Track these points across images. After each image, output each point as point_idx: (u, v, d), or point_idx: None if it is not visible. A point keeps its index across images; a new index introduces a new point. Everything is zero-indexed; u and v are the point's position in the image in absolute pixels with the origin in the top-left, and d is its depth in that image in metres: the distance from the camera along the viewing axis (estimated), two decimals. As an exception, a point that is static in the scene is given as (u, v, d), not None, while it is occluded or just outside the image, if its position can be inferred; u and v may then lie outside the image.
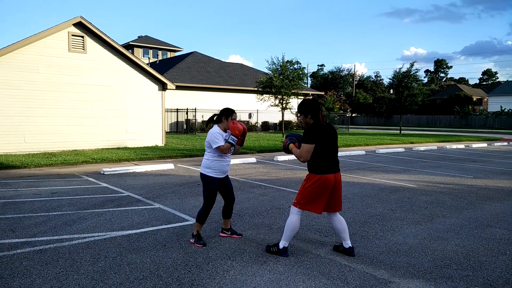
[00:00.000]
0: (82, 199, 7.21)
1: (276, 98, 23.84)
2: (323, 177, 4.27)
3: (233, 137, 4.66)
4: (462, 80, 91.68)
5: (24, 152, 13.78)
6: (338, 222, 4.53)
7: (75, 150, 14.82)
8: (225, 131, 4.83)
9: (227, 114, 4.81)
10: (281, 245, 4.48)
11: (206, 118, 29.36)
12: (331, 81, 74.92)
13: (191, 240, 4.90)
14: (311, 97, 37.77)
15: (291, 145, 4.47)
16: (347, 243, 4.54)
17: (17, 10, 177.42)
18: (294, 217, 4.43)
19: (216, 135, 4.72)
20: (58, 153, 13.85)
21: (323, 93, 40.52)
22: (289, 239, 4.47)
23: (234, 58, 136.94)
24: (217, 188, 4.86)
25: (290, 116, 33.25)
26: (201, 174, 4.91)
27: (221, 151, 4.73)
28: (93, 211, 6.35)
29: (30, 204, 6.81)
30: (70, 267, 4.09)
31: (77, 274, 3.93)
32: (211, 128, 4.93)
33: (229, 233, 5.18)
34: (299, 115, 4.55)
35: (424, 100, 34.31)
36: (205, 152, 4.91)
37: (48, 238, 5.02)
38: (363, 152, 16.30)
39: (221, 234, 5.22)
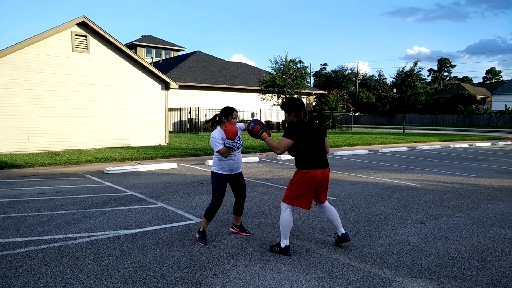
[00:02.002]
0: (85, 198, 7.23)
1: (279, 97, 23.88)
2: (309, 172, 4.38)
3: (228, 140, 4.57)
4: (466, 79, 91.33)
5: (28, 152, 13.84)
6: (328, 212, 4.70)
7: (78, 149, 14.87)
8: None
9: (226, 114, 4.77)
10: (282, 244, 4.49)
11: (209, 118, 29.39)
12: (334, 80, 74.73)
13: (197, 235, 4.94)
14: (313, 96, 37.74)
15: (265, 134, 4.49)
16: (340, 230, 4.69)
17: (19, 9, 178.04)
18: (284, 213, 4.49)
19: (217, 140, 4.68)
20: (61, 152, 13.90)
21: (326, 92, 40.43)
22: (287, 236, 4.49)
23: (237, 58, 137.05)
24: (224, 185, 4.86)
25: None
26: (212, 172, 4.93)
27: (221, 155, 4.69)
28: (97, 210, 6.37)
29: (34, 203, 6.84)
30: (74, 266, 4.10)
31: (81, 272, 3.95)
32: (214, 128, 4.91)
33: (239, 229, 5.22)
34: (284, 113, 4.61)
35: (428, 99, 34.18)
36: (214, 152, 4.90)
37: (52, 237, 5.04)
38: (366, 151, 16.27)
39: (231, 229, 5.30)
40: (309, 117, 33.93)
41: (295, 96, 26.80)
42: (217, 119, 4.91)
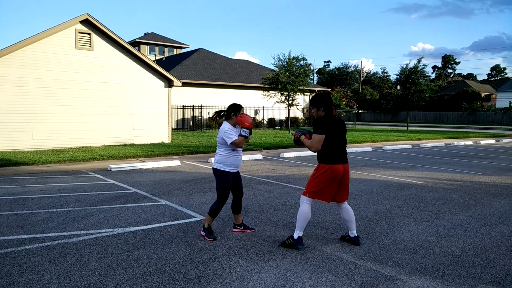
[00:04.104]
0: (89, 196, 7.25)
1: (282, 94, 23.79)
2: (332, 167, 4.46)
3: (244, 129, 4.73)
4: (470, 76, 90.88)
5: (32, 149, 13.90)
6: (345, 212, 4.74)
7: (82, 146, 14.92)
8: (234, 126, 4.88)
9: (235, 110, 4.87)
10: (295, 235, 4.56)
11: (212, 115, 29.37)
12: (338, 78, 74.56)
13: (202, 233, 4.97)
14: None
15: (303, 137, 4.66)
16: (353, 233, 4.75)
17: (21, 7, 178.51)
18: (304, 206, 4.56)
19: (229, 131, 4.79)
20: (65, 149, 13.95)
21: (329, 89, 40.38)
22: (302, 228, 4.56)
23: (240, 55, 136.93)
24: (231, 182, 4.91)
25: (297, 112, 33.18)
26: (215, 169, 4.94)
27: (236, 145, 4.79)
28: (100, 208, 6.39)
29: (38, 200, 6.87)
30: (77, 263, 4.12)
31: (84, 270, 3.96)
32: (220, 123, 4.99)
33: (242, 228, 5.23)
34: (311, 108, 4.71)
35: (432, 96, 34.05)
36: (218, 148, 4.95)
37: (56, 234, 5.06)
38: (370, 149, 16.23)
39: (233, 229, 5.27)
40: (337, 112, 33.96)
41: (298, 93, 26.71)
42: (221, 114, 5.04)
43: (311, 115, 4.99)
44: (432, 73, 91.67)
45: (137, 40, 43.16)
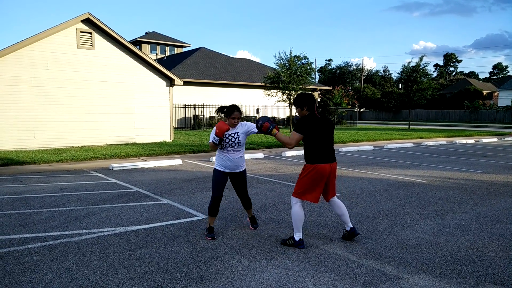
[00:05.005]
0: (91, 195, 7.27)
1: (283, 93, 23.76)
2: (318, 166, 4.45)
3: (214, 136, 4.71)
4: (472, 74, 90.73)
5: (34, 148, 13.92)
6: (337, 207, 4.76)
7: (84, 146, 14.94)
8: (234, 126, 4.91)
9: (227, 113, 4.89)
10: (296, 237, 4.56)
11: (213, 114, 29.35)
12: (339, 76, 74.43)
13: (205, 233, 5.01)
14: (318, 92, 37.62)
15: (274, 130, 4.55)
16: (349, 225, 4.76)
17: (22, 7, 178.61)
18: (295, 207, 4.58)
19: (213, 131, 4.78)
20: (67, 149, 13.97)
21: (331, 88, 40.27)
22: (299, 229, 4.57)
23: (241, 54, 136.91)
24: (219, 180, 4.94)
25: (298, 111, 33.12)
26: None
27: (210, 146, 4.88)
28: (103, 207, 6.40)
29: (40, 199, 6.88)
30: (80, 262, 4.13)
31: (87, 269, 3.97)
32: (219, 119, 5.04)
33: (249, 220, 5.36)
34: (295, 108, 4.73)
35: (433, 95, 34.00)
36: None
37: (58, 233, 5.07)
38: (372, 147, 16.21)
39: (248, 219, 5.43)
40: (321, 111, 33.97)
41: (300, 92, 26.69)
42: (224, 109, 4.99)
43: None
44: (434, 71, 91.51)
45: (138, 39, 43.15)
